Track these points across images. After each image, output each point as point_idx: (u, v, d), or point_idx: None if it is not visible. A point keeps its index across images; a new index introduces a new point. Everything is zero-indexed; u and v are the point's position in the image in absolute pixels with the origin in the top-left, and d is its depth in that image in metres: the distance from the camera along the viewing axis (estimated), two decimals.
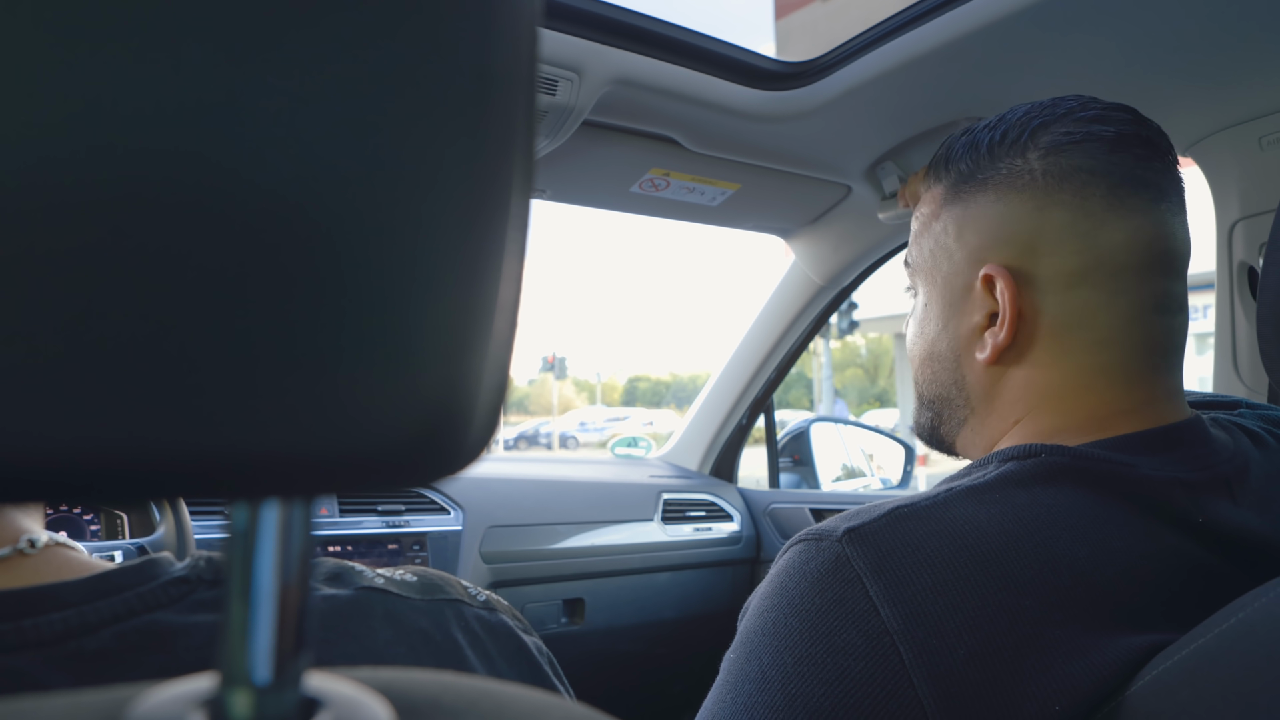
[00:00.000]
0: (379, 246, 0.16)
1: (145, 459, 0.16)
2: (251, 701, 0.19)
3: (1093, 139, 0.58)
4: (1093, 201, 0.57)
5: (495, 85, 0.17)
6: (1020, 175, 0.60)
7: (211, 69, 0.15)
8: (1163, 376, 0.59)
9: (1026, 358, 0.60)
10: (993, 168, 0.61)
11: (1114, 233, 0.57)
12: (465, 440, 0.18)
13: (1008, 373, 0.62)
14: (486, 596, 0.45)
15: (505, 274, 0.18)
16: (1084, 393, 0.58)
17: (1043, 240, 0.59)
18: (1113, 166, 0.57)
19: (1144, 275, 0.58)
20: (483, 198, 0.17)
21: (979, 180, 0.62)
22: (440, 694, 0.22)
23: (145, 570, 0.35)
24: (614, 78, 0.99)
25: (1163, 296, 0.58)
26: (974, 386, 0.64)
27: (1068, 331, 0.59)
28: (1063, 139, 0.59)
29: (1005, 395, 0.62)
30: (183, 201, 0.15)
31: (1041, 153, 0.59)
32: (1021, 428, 0.61)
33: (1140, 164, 0.58)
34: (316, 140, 0.15)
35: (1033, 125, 0.60)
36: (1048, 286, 0.59)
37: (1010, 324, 0.59)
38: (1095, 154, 0.58)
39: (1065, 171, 0.58)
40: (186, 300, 0.15)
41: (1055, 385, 0.59)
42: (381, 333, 0.16)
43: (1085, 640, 0.46)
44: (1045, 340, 0.59)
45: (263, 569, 0.19)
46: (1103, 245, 0.57)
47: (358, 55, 0.16)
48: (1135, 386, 0.58)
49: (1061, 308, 0.59)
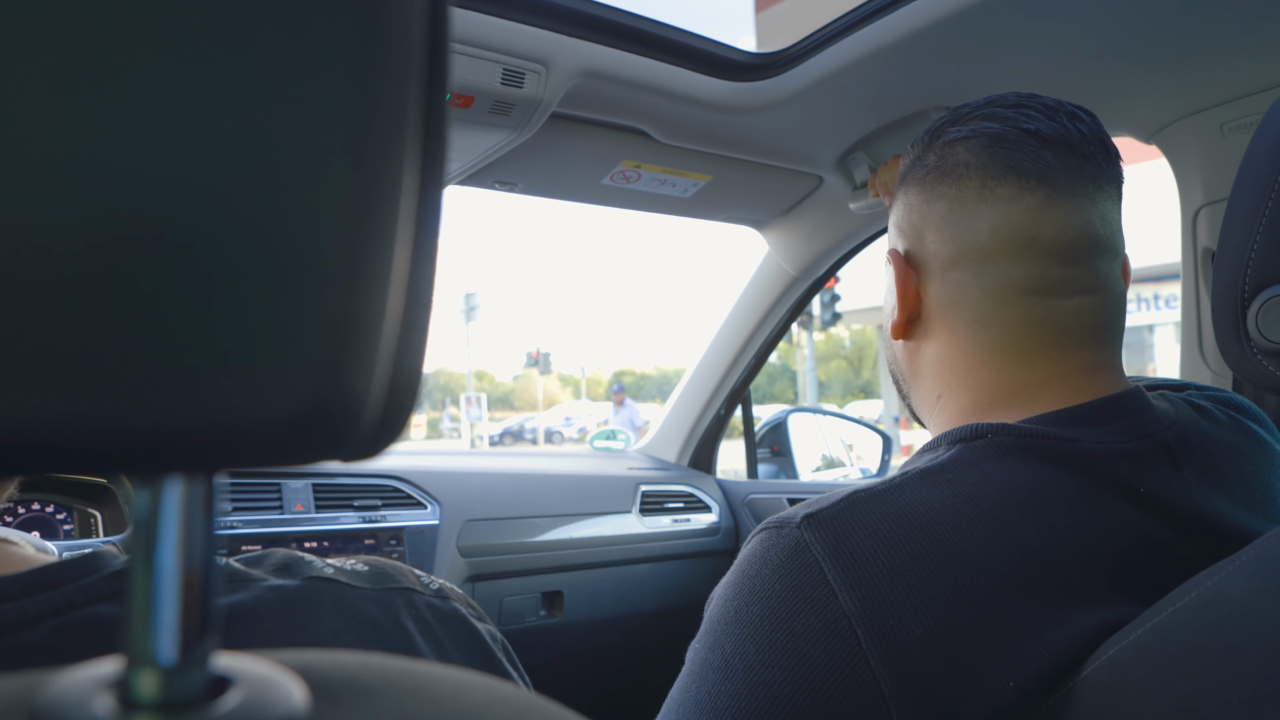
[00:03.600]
0: (255, 242, 0.16)
1: (53, 435, 0.16)
2: (157, 682, 0.19)
3: (975, 135, 0.63)
4: (966, 192, 0.62)
5: (376, 82, 0.17)
6: (920, 170, 0.66)
7: (82, 70, 0.15)
8: (1071, 353, 0.61)
9: (927, 335, 0.67)
10: (912, 165, 0.68)
11: (981, 220, 0.62)
12: (358, 424, 0.18)
13: (920, 349, 0.68)
14: (440, 585, 0.45)
15: (397, 267, 0.18)
16: (980, 369, 0.63)
17: (928, 228, 0.65)
18: (989, 160, 0.62)
19: (1013, 259, 0.61)
20: (365, 188, 0.17)
21: (906, 177, 0.69)
22: (359, 674, 0.22)
23: (86, 564, 0.35)
24: (582, 70, 0.99)
25: (1039, 279, 0.60)
26: (902, 364, 0.71)
27: (948, 311, 0.64)
28: (954, 135, 0.64)
29: (923, 371, 0.68)
30: (66, 201, 0.15)
31: (936, 150, 0.65)
32: (944, 402, 0.66)
33: (1019, 155, 0.61)
34: (200, 142, 0.16)
35: (940, 124, 0.66)
36: (931, 269, 0.65)
37: (900, 302, 0.66)
38: (975, 149, 0.62)
39: (948, 166, 0.64)
40: (77, 291, 0.15)
41: (955, 361, 0.64)
42: (258, 321, 0.17)
43: (1038, 617, 0.47)
44: (935, 319, 0.65)
45: (165, 550, 0.19)
46: (970, 232, 0.62)
47: (228, 55, 0.16)
48: (1034, 363, 0.61)
49: (941, 289, 0.64)
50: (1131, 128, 1.20)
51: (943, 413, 0.66)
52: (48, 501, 1.16)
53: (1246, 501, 0.58)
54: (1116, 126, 1.19)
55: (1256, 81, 1.05)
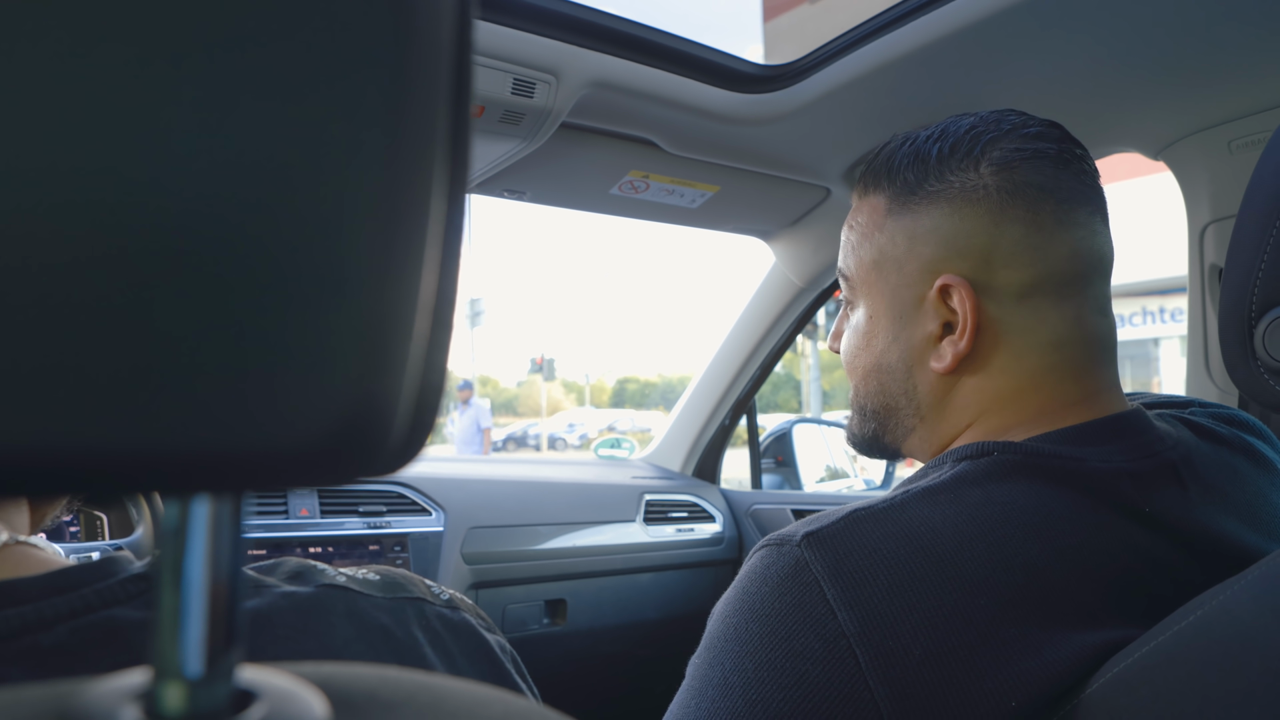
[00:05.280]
0: (287, 255, 0.17)
1: (82, 458, 0.16)
2: (184, 694, 0.19)
3: (1040, 156, 0.61)
4: (1044, 216, 0.60)
5: (410, 91, 0.18)
6: (975, 190, 0.62)
7: (120, 82, 0.15)
8: (1103, 370, 0.63)
9: (982, 365, 0.62)
10: (943, 180, 0.63)
11: (1061, 245, 0.61)
12: (387, 440, 0.18)
13: (961, 380, 0.63)
14: (450, 595, 0.46)
15: (426, 276, 0.18)
16: (1034, 392, 0.61)
17: (997, 252, 0.61)
18: (1059, 183, 0.61)
19: (1087, 281, 0.62)
20: (396, 204, 0.18)
21: (928, 192, 0.63)
22: (378, 687, 0.22)
23: (103, 567, 0.36)
24: (591, 80, 0.99)
25: (1100, 299, 0.63)
26: (925, 396, 0.65)
27: (1022, 337, 0.61)
28: (1013, 155, 0.61)
29: (957, 402, 0.64)
30: (97, 215, 0.15)
31: (995, 168, 0.61)
32: (973, 430, 0.63)
33: (1078, 179, 0.62)
34: (225, 152, 0.16)
35: (984, 140, 0.62)
36: (1003, 296, 0.61)
37: (970, 333, 0.61)
38: (1043, 170, 0.61)
39: (1017, 187, 0.61)
40: (107, 307, 0.16)
41: (1009, 388, 0.62)
42: (291, 336, 0.17)
43: (1039, 637, 0.47)
44: (1002, 347, 0.61)
45: (193, 564, 0.19)
46: (1052, 257, 0.60)
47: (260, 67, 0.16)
48: (1082, 380, 0.62)
49: (1016, 315, 0.61)
50: (1139, 143, 1.20)
51: (963, 440, 0.63)
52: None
53: (1251, 521, 0.58)
54: (1124, 142, 1.19)
55: (1265, 99, 1.05)
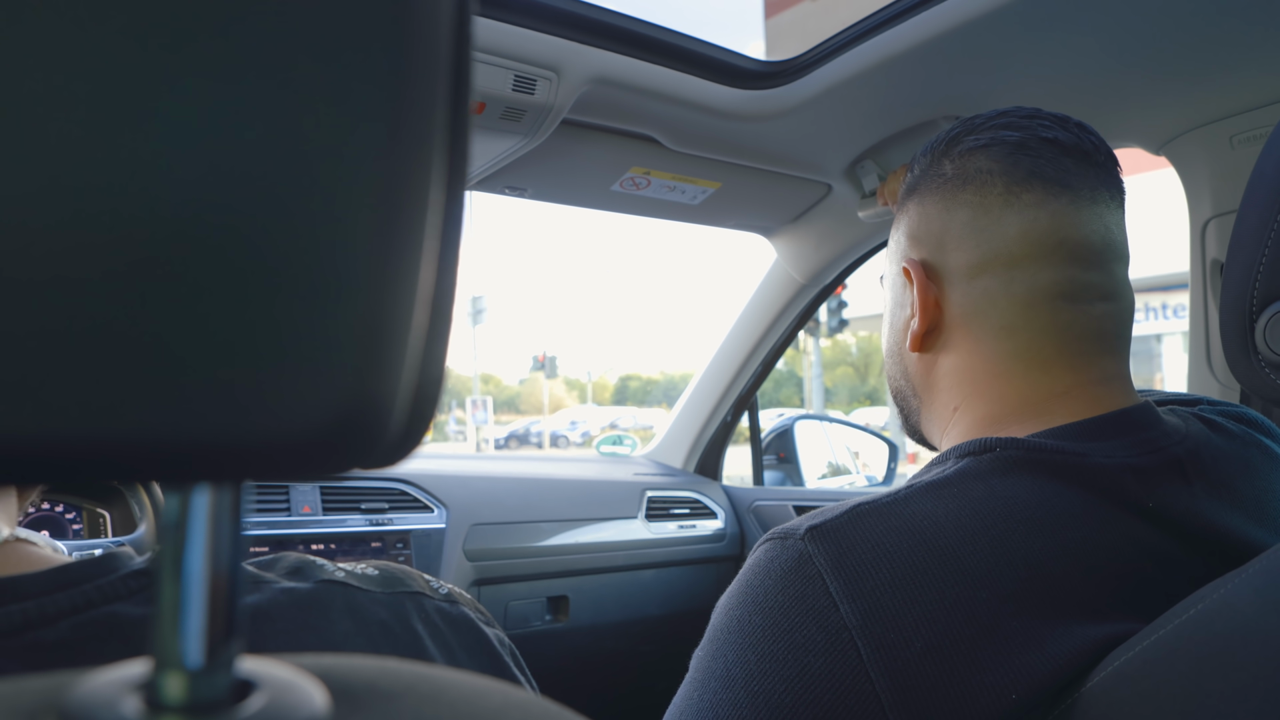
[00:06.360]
0: (285, 247, 0.17)
1: (85, 447, 0.16)
2: (184, 684, 0.19)
3: (997, 143, 0.63)
4: (990, 198, 0.62)
5: (409, 86, 0.18)
6: (935, 179, 0.66)
7: (117, 76, 0.15)
8: (1091, 361, 0.61)
9: (947, 346, 0.66)
10: (924, 175, 0.67)
11: (1008, 226, 0.62)
12: (385, 432, 0.18)
13: (937, 361, 0.67)
14: (449, 590, 0.46)
15: (425, 270, 0.18)
16: (1002, 378, 0.62)
17: (949, 236, 0.64)
18: (1012, 166, 0.62)
19: (1041, 264, 0.61)
20: (394, 198, 0.18)
21: (912, 190, 0.68)
22: (378, 678, 0.22)
23: (105, 563, 0.36)
24: (593, 77, 0.99)
25: (1068, 284, 0.61)
26: (916, 377, 0.69)
27: (973, 319, 0.63)
28: (971, 144, 0.64)
29: (940, 383, 0.67)
30: (95, 207, 0.15)
31: (953, 159, 0.65)
32: (960, 415, 0.65)
33: (1041, 161, 0.62)
34: (223, 145, 0.16)
35: (954, 134, 0.66)
36: (954, 278, 0.64)
37: (921, 312, 0.65)
38: (997, 156, 0.63)
39: (969, 173, 0.63)
40: (110, 299, 0.16)
41: (977, 371, 0.64)
42: (290, 328, 0.17)
43: (1041, 631, 0.47)
44: (958, 328, 0.64)
45: (193, 556, 0.19)
46: (998, 238, 0.62)
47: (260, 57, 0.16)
48: (1056, 372, 0.61)
49: (966, 297, 0.64)
50: (1141, 139, 1.20)
51: (957, 425, 0.65)
52: (57, 501, 1.17)
53: (1258, 516, 0.58)
54: (1126, 138, 1.19)
55: (1266, 94, 1.05)
